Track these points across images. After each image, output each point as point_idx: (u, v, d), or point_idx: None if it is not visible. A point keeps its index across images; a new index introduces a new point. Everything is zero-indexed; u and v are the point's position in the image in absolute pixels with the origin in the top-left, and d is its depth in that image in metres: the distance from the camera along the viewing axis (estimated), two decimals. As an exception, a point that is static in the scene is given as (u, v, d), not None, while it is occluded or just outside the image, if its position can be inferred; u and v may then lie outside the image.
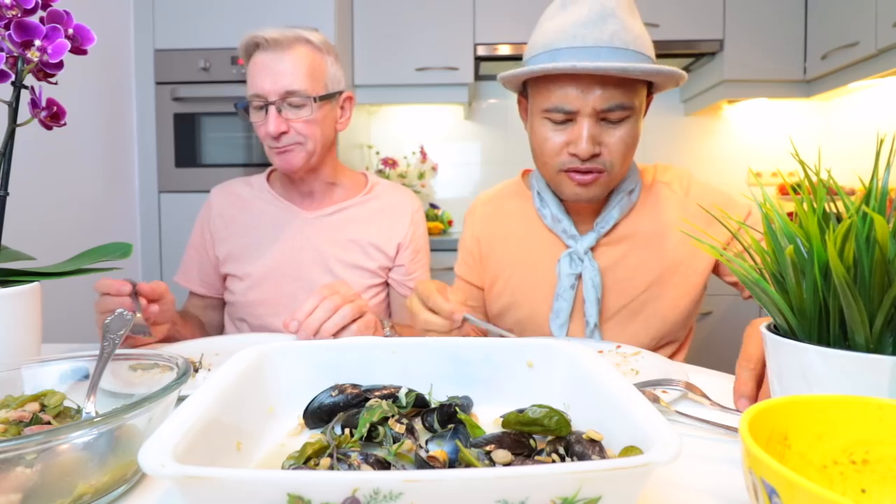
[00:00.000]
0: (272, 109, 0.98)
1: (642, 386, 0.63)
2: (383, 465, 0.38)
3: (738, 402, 0.55)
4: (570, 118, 0.83)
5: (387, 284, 1.15)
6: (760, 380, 0.56)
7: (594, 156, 0.83)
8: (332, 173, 1.13)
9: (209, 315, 1.18)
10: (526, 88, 0.90)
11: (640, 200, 0.95)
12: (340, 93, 1.08)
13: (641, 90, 0.84)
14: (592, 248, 0.92)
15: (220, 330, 1.19)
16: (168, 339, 0.97)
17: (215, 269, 1.14)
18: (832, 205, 0.46)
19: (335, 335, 0.75)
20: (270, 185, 1.16)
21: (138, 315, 0.74)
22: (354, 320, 0.77)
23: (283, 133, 1.00)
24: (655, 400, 0.55)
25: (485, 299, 1.05)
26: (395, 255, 1.12)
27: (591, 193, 0.87)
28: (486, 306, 1.06)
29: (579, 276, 0.91)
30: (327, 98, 1.03)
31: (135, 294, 0.76)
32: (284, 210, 1.12)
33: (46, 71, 0.61)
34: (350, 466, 0.37)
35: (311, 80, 1.00)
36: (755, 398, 0.55)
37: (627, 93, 0.81)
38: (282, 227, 1.10)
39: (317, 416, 0.48)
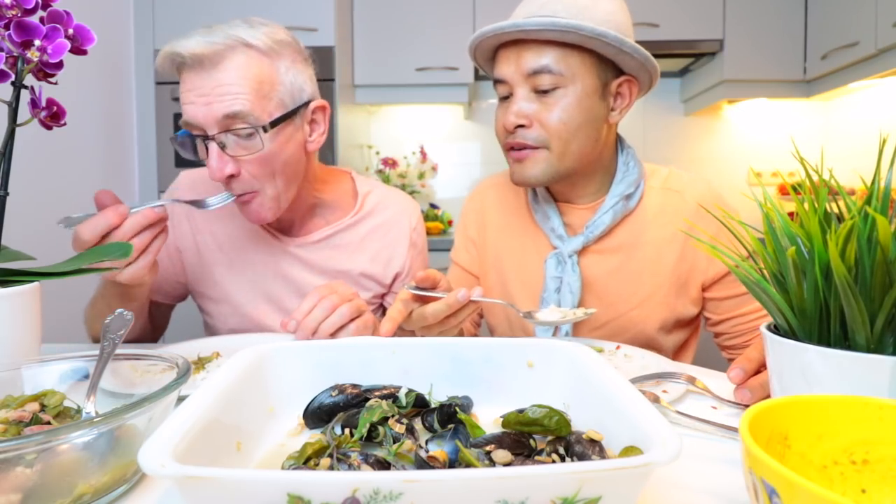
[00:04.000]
0: (213, 146, 0.75)
1: (644, 380, 0.63)
2: (383, 465, 0.38)
3: (732, 370, 0.58)
4: (510, 92, 0.81)
5: (381, 307, 1.03)
6: (755, 371, 0.58)
7: (521, 127, 0.80)
8: (311, 195, 0.93)
9: (161, 312, 1.02)
10: None
11: (640, 207, 0.87)
12: (306, 104, 0.82)
13: (579, 59, 0.78)
14: (581, 254, 0.87)
15: (163, 331, 1.05)
16: (139, 339, 0.94)
17: (178, 277, 0.98)
18: (833, 205, 0.46)
19: (333, 335, 0.75)
20: None
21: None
22: (353, 319, 0.76)
23: (233, 176, 0.77)
24: (655, 400, 0.55)
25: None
26: (391, 283, 0.99)
27: (529, 172, 0.82)
28: None
29: (563, 280, 0.86)
30: (285, 119, 0.78)
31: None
32: (262, 238, 0.94)
33: (46, 71, 0.61)
34: (350, 466, 0.37)
35: (258, 98, 0.75)
36: (748, 376, 0.57)
37: (555, 56, 0.78)
38: (260, 254, 0.94)
39: (317, 416, 0.48)
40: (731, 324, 0.88)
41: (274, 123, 0.77)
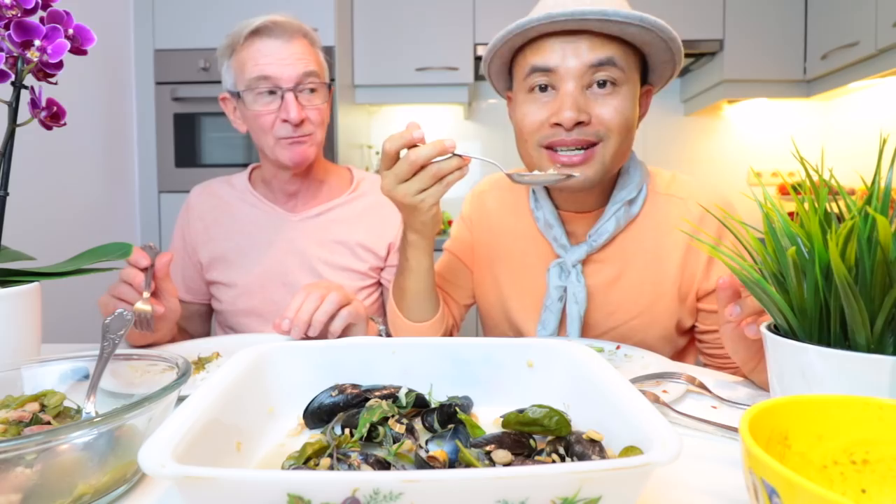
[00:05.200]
0: (290, 95, 0.94)
1: (644, 380, 0.63)
2: (383, 465, 0.38)
3: (722, 279, 0.57)
4: (552, 85, 0.75)
5: (379, 284, 1.11)
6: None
7: (580, 124, 0.73)
8: (322, 170, 1.09)
9: (194, 325, 1.12)
10: (514, 81, 0.83)
11: (642, 213, 0.84)
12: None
13: (632, 59, 0.75)
14: (583, 262, 0.84)
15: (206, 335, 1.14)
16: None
17: (199, 275, 1.09)
18: (833, 205, 0.46)
19: (327, 325, 0.75)
20: (252, 185, 1.11)
21: (145, 297, 0.73)
22: (343, 307, 0.76)
23: (303, 120, 0.96)
24: (655, 400, 0.55)
25: (473, 285, 0.99)
26: (387, 255, 1.08)
27: (589, 174, 0.75)
28: (473, 292, 1.00)
29: (567, 289, 0.84)
30: (329, 88, 1.02)
31: (147, 283, 0.74)
32: (268, 212, 1.07)
33: (46, 71, 0.61)
34: (350, 466, 0.37)
35: (320, 67, 0.99)
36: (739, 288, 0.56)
37: (617, 51, 0.73)
38: (266, 231, 1.06)
39: (317, 416, 0.48)
40: (716, 335, 0.85)
41: (329, 85, 1.01)
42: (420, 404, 0.49)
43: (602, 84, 0.73)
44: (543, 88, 0.76)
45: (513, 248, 0.93)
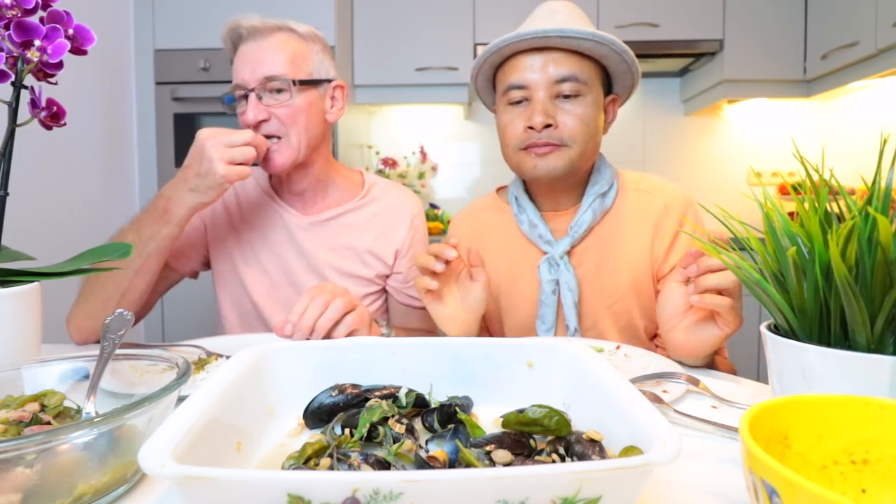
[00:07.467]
0: (252, 96, 0.92)
1: (644, 380, 0.63)
2: (383, 465, 0.38)
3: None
4: (526, 97, 0.88)
5: (384, 291, 1.12)
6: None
7: (548, 127, 0.87)
8: (325, 171, 1.05)
9: (158, 292, 1.04)
10: (496, 95, 0.96)
11: (615, 206, 0.95)
12: (329, 81, 1.00)
13: (593, 72, 0.89)
14: (569, 254, 0.93)
15: (147, 308, 1.04)
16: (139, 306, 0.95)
17: (197, 249, 1.05)
18: (833, 205, 0.46)
19: (330, 331, 0.75)
20: (271, 179, 1.09)
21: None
22: (348, 313, 0.76)
23: (264, 121, 0.93)
24: (655, 400, 0.55)
25: None
26: (393, 262, 1.08)
27: (550, 165, 0.88)
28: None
29: (559, 281, 0.92)
30: (311, 84, 0.96)
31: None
32: (278, 213, 1.06)
33: (46, 71, 0.61)
34: (350, 466, 0.37)
35: (292, 66, 0.94)
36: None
37: (579, 66, 0.87)
38: (275, 231, 1.05)
39: (317, 416, 0.48)
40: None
41: (302, 83, 0.95)
42: (420, 404, 0.49)
43: (567, 96, 0.87)
44: (519, 102, 0.90)
45: (502, 261, 1.00)
